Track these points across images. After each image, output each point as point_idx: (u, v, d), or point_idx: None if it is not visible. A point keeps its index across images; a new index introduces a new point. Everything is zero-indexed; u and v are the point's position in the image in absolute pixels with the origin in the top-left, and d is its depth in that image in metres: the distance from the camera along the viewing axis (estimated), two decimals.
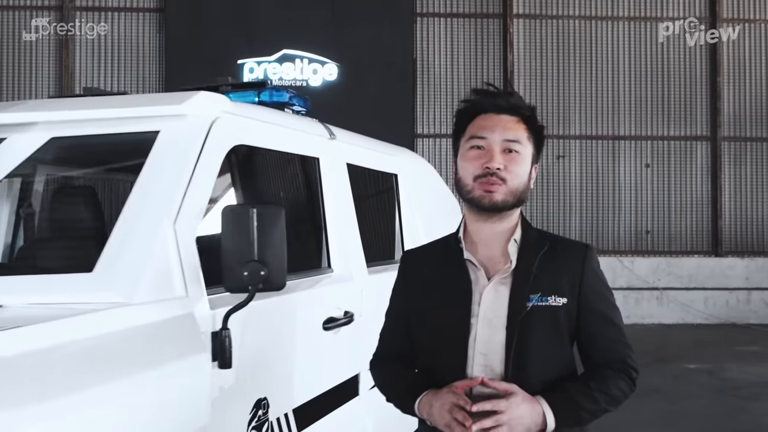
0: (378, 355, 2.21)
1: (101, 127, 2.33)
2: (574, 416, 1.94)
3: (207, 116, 2.41)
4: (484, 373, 1.96)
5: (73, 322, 1.69)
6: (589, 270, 2.04)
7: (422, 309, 2.08)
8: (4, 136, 2.29)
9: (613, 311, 2.11)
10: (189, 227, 2.18)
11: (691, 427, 6.19)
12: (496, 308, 1.98)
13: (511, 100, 2.05)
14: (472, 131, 2.04)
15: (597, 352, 2.05)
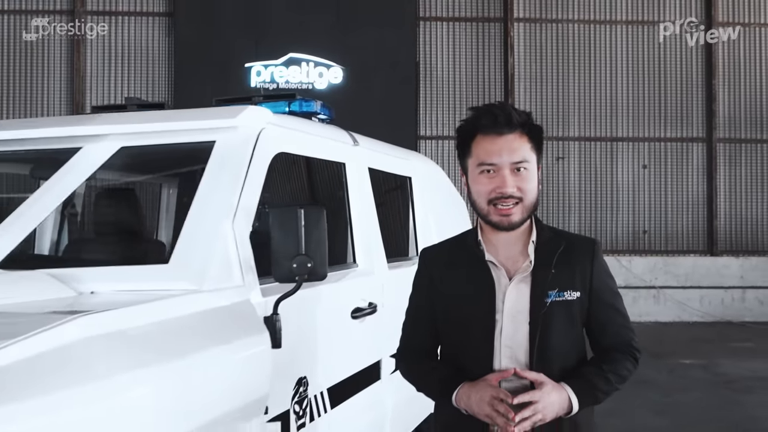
0: (403, 349, 2.34)
1: (164, 137, 2.66)
2: (593, 397, 2.12)
3: (255, 127, 2.73)
4: (510, 364, 2.11)
5: (161, 304, 2.03)
6: (597, 265, 2.21)
7: (448, 306, 2.22)
8: (80, 146, 2.62)
9: (617, 300, 2.28)
10: (243, 225, 2.51)
11: (684, 417, 6.46)
12: (519, 304, 2.13)
13: (511, 118, 2.12)
14: (479, 156, 2.14)
15: (606, 338, 2.22)
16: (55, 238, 2.61)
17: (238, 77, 12.01)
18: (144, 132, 2.65)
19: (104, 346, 1.76)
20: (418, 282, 2.32)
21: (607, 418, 6.32)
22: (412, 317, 2.32)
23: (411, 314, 2.33)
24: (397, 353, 2.36)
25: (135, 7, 12.30)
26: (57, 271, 2.22)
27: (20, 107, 12.09)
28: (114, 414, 1.70)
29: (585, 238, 2.31)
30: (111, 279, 2.26)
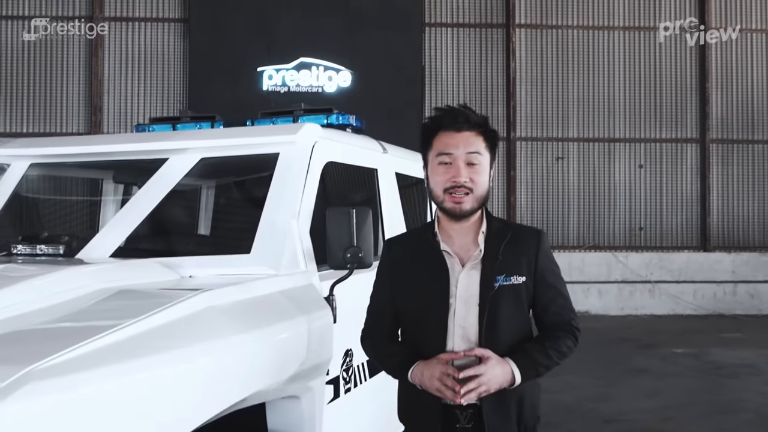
0: (367, 330, 2.52)
1: (237, 150, 3.21)
2: (534, 370, 2.28)
3: (310, 141, 3.28)
4: (463, 342, 2.29)
5: (253, 284, 2.60)
6: (542, 252, 2.39)
7: (407, 292, 2.38)
8: (167, 157, 3.18)
9: (560, 284, 2.44)
10: (305, 222, 3.07)
11: (673, 400, 6.94)
12: (470, 289, 2.31)
13: (468, 117, 2.33)
14: (438, 148, 2.33)
15: (548, 317, 2.39)
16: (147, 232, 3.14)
17: (251, 81, 12.39)
18: (220, 146, 3.21)
19: (220, 314, 2.34)
20: (380, 270, 2.50)
21: (600, 402, 6.87)
22: (374, 302, 2.51)
23: (374, 299, 2.51)
24: (361, 334, 2.54)
25: (151, 14, 12.69)
26: (162, 259, 2.78)
27: (41, 109, 12.49)
28: (230, 363, 2.26)
29: (532, 228, 2.48)
30: (204, 265, 2.82)
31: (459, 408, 2.28)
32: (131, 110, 12.57)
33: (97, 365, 1.84)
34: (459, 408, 2.28)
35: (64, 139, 3.54)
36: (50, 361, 1.78)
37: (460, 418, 2.29)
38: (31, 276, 2.37)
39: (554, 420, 6.13)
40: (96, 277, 2.45)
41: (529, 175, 13.32)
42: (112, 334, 1.97)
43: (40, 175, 3.54)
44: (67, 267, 2.51)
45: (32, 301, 2.23)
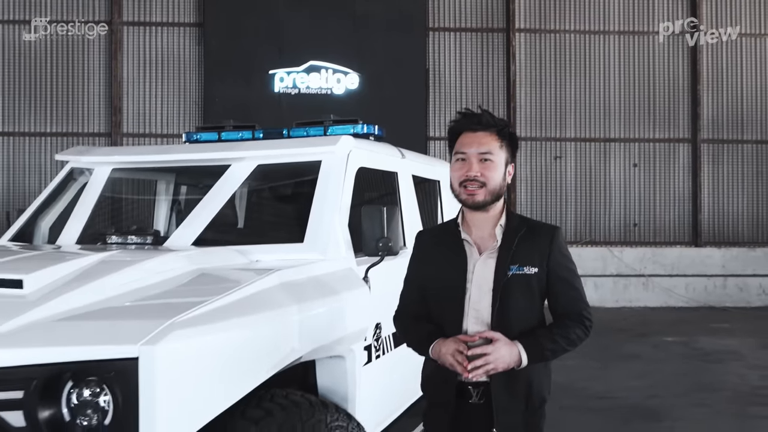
0: (399, 312, 2.78)
1: (287, 158, 3.92)
2: (540, 354, 2.47)
3: (345, 151, 3.97)
4: (476, 324, 2.49)
5: (310, 266, 3.31)
6: (555, 247, 2.57)
7: (431, 276, 2.61)
8: (229, 164, 3.89)
9: (573, 278, 2.61)
10: (344, 217, 3.78)
11: (659, 380, 7.59)
12: (485, 276, 2.51)
13: (483, 120, 2.55)
14: (456, 148, 2.57)
15: (560, 307, 2.58)
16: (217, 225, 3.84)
17: (263, 83, 12.93)
18: (273, 155, 3.92)
19: (289, 288, 3.06)
20: (412, 259, 2.76)
21: (592, 382, 7.56)
22: (407, 287, 2.76)
23: (406, 284, 2.77)
24: (394, 315, 2.80)
25: (167, 18, 13.19)
26: (234, 247, 3.50)
27: (64, 110, 13.03)
28: (298, 324, 2.97)
29: (549, 225, 2.68)
30: (267, 252, 3.53)
31: (472, 384, 2.50)
32: (149, 111, 13.14)
33: (215, 320, 2.57)
34: (472, 384, 2.50)
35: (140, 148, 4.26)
36: (182, 317, 2.50)
37: (473, 394, 2.52)
38: (140, 260, 3.09)
39: (551, 396, 6.84)
40: (190, 260, 3.17)
41: (529, 173, 13.73)
42: (219, 300, 2.69)
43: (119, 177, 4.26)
44: (164, 253, 3.24)
45: (146, 278, 2.95)
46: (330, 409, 3.03)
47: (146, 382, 2.30)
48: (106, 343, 2.37)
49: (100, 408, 2.36)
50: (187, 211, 4.56)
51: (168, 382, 2.36)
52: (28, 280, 2.77)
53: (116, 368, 2.32)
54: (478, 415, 2.52)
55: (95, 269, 2.95)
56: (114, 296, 2.75)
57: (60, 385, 2.37)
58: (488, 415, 2.50)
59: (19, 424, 2.35)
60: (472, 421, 2.53)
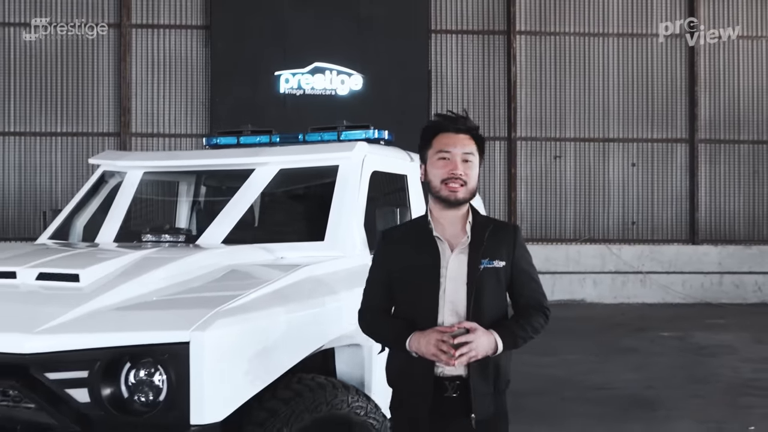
0: (364, 308, 2.82)
1: (306, 163, 4.27)
2: (513, 342, 2.63)
3: (361, 156, 4.31)
4: (452, 316, 2.59)
5: (332, 262, 3.65)
6: (518, 243, 2.74)
7: (404, 272, 2.68)
8: (254, 168, 4.23)
9: (533, 271, 2.78)
10: (360, 217, 4.11)
11: (655, 373, 7.88)
12: (459, 270, 2.62)
13: (466, 123, 2.67)
14: (438, 146, 2.64)
15: (523, 298, 2.74)
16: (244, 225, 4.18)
17: (269, 84, 13.24)
18: (294, 160, 4.26)
19: (315, 281, 3.40)
20: (377, 256, 2.83)
21: (591, 374, 7.88)
22: (371, 284, 2.82)
23: (370, 281, 2.83)
24: (359, 311, 2.85)
25: (175, 21, 13.48)
26: (260, 245, 3.84)
27: (74, 110, 13.36)
28: (323, 314, 3.31)
29: (510, 223, 2.94)
30: (291, 249, 3.87)
31: (447, 380, 2.60)
32: (157, 112, 13.46)
33: (253, 310, 2.92)
34: (447, 380, 2.60)
35: (170, 153, 4.60)
36: (225, 307, 2.85)
37: (448, 389, 2.61)
38: (180, 257, 3.43)
39: (551, 389, 7.17)
40: (224, 257, 3.51)
41: (529, 172, 14.02)
42: (255, 292, 3.04)
43: (150, 180, 4.60)
44: (200, 251, 3.58)
45: (187, 273, 3.30)
46: (351, 391, 3.36)
47: (196, 364, 2.64)
48: (160, 329, 2.72)
49: (155, 386, 2.71)
50: (210, 210, 4.92)
51: (214, 364, 2.71)
52: (84, 274, 3.12)
53: (169, 351, 2.66)
54: (453, 406, 2.62)
55: (140, 264, 3.30)
56: (160, 288, 3.10)
57: (119, 366, 2.72)
58: (463, 404, 2.61)
59: (85, 400, 2.70)
60: (446, 413, 2.62)
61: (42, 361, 2.69)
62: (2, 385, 2.74)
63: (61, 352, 2.70)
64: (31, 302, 3.06)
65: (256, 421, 2.95)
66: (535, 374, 7.68)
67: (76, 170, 13.33)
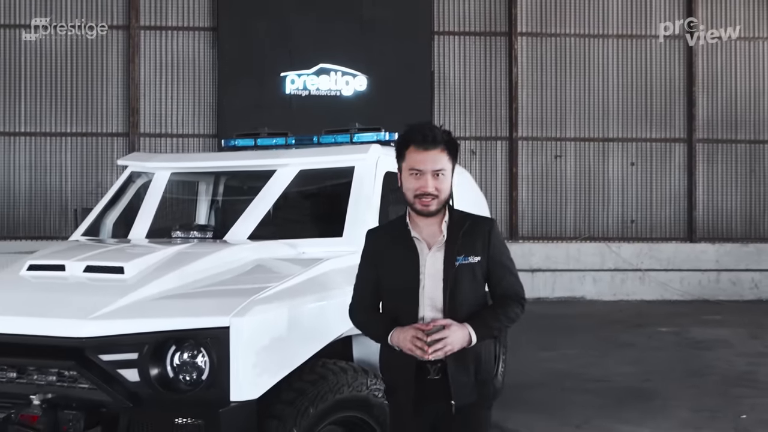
0: (354, 304, 3.01)
1: (325, 164, 4.58)
2: (488, 332, 2.78)
3: (375, 157, 4.61)
4: (431, 311, 2.76)
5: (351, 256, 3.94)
6: (493, 237, 2.86)
7: (387, 272, 2.86)
8: (275, 169, 4.54)
9: (510, 264, 2.92)
10: (375, 215, 4.42)
11: (652, 366, 8.17)
12: (436, 267, 2.77)
13: (435, 138, 2.76)
14: (410, 163, 2.78)
15: (500, 289, 2.88)
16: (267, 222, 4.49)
17: (275, 85, 13.50)
18: (313, 161, 4.58)
19: (337, 273, 3.71)
20: (364, 255, 3.00)
21: (590, 368, 8.18)
22: (360, 281, 3.00)
23: (359, 278, 3.00)
24: (349, 307, 3.04)
25: (183, 23, 13.72)
26: (283, 241, 4.16)
27: (84, 110, 13.60)
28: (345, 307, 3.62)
29: (486, 218, 3.00)
30: (311, 245, 4.18)
31: (429, 362, 2.75)
32: (165, 112, 13.72)
33: (284, 298, 3.25)
34: (429, 362, 2.75)
35: (195, 155, 4.93)
36: (259, 295, 3.17)
37: (431, 371, 2.77)
38: (213, 251, 3.75)
39: (552, 381, 7.48)
40: (251, 251, 3.83)
41: (530, 171, 14.24)
42: (285, 283, 3.36)
43: (177, 181, 4.92)
44: (230, 246, 3.90)
45: (220, 266, 3.62)
46: (369, 375, 3.67)
47: (235, 346, 2.96)
48: (202, 316, 3.05)
49: (198, 367, 3.03)
50: (232, 208, 5.24)
51: (251, 346, 3.03)
52: (128, 267, 3.44)
53: (211, 335, 2.99)
54: (436, 389, 2.76)
55: (177, 258, 3.62)
56: (197, 280, 3.43)
57: (165, 349, 3.04)
58: (446, 388, 2.76)
59: (134, 379, 3.02)
60: (430, 396, 2.78)
61: (96, 345, 3.02)
62: (61, 366, 3.06)
63: (113, 336, 3.02)
64: (81, 292, 3.38)
65: (285, 400, 3.27)
66: (537, 367, 8.00)
67: (86, 170, 13.63)
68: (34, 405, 2.97)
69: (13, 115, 13.62)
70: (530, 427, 5.86)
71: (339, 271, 3.74)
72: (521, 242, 13.85)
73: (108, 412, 3.01)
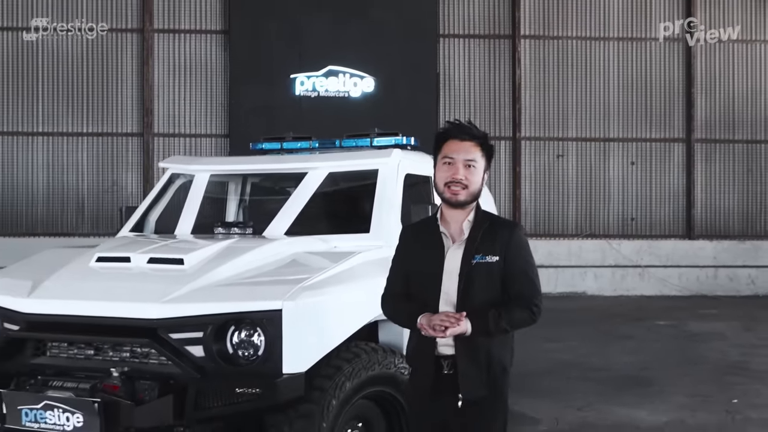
0: (387, 295, 3.17)
1: (351, 166, 5.09)
2: (484, 330, 2.84)
3: (396, 160, 5.09)
4: (445, 304, 2.88)
5: (378, 250, 4.46)
6: (514, 239, 2.93)
7: (415, 265, 3.02)
8: (306, 171, 5.04)
9: (529, 268, 2.95)
10: (397, 213, 4.92)
11: (649, 356, 8.69)
12: (454, 263, 2.90)
13: (471, 131, 2.91)
14: (444, 152, 2.91)
15: (513, 292, 2.93)
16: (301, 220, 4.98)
17: (284, 86, 13.94)
18: (341, 164, 5.09)
19: (368, 265, 4.22)
20: (398, 248, 3.18)
21: (592, 357, 8.69)
22: (393, 273, 3.17)
23: (393, 272, 3.18)
24: (382, 297, 3.21)
25: (195, 26, 14.18)
26: (316, 236, 4.66)
27: (99, 111, 14.07)
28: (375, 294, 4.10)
29: (510, 221, 3.16)
30: (342, 240, 4.68)
31: (443, 357, 2.90)
32: (178, 113, 14.19)
33: (326, 286, 3.78)
34: (443, 357, 2.90)
35: (232, 159, 5.44)
36: (305, 283, 3.69)
37: (444, 366, 2.92)
38: (258, 245, 4.27)
39: (557, 369, 8.01)
40: (290, 246, 4.35)
41: (533, 170, 14.67)
42: (323, 273, 3.88)
43: (216, 182, 5.45)
44: (272, 241, 4.41)
45: (266, 258, 4.14)
46: (396, 355, 4.18)
47: (287, 326, 3.48)
48: (258, 300, 3.56)
49: (254, 344, 3.55)
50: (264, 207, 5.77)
51: (299, 327, 3.55)
52: (187, 258, 3.96)
53: (266, 317, 3.51)
54: (448, 385, 2.90)
55: (228, 251, 4.14)
56: (248, 270, 3.95)
57: (226, 329, 3.56)
58: (456, 383, 2.90)
59: (200, 354, 3.54)
60: (443, 390, 2.92)
61: (167, 325, 3.53)
62: (137, 343, 3.58)
63: (181, 318, 3.54)
64: (147, 280, 3.91)
65: (325, 375, 3.78)
66: (543, 357, 8.53)
67: (102, 169, 14.12)
68: (114, 377, 3.48)
69: (31, 115, 14.09)
70: (536, 410, 6.36)
71: (369, 263, 4.24)
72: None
73: (177, 383, 3.51)
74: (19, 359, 3.81)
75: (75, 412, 3.36)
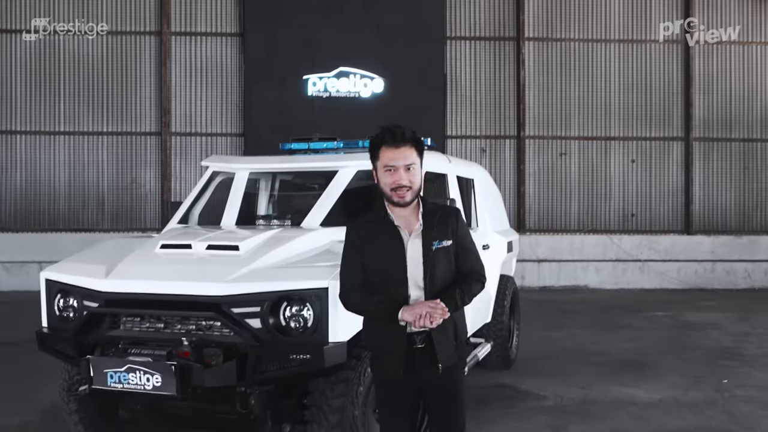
0: (348, 289, 3.31)
1: None
2: (455, 306, 3.17)
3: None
4: (415, 289, 3.16)
5: None
6: (459, 223, 3.30)
7: (374, 257, 3.20)
8: (338, 170, 5.65)
9: (472, 245, 3.35)
10: None
11: (647, 344, 9.25)
12: (416, 252, 3.18)
13: (403, 136, 3.15)
14: (384, 160, 3.15)
15: (465, 269, 3.29)
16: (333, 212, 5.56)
17: (297, 87, 14.54)
18: (368, 163, 5.67)
19: None
20: (350, 243, 3.34)
21: (592, 344, 9.27)
22: (349, 266, 3.33)
23: (347, 265, 3.34)
24: (340, 293, 3.40)
25: (211, 29, 14.78)
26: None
27: (119, 111, 14.68)
28: None
29: (451, 207, 3.55)
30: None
31: (416, 333, 3.16)
32: (195, 113, 14.80)
33: None
34: (416, 333, 3.16)
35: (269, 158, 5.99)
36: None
37: (416, 341, 3.20)
38: (300, 235, 4.89)
39: (559, 355, 8.60)
40: (328, 235, 4.96)
41: (537, 168, 15.22)
42: None
43: (253, 179, 6.07)
44: (311, 231, 5.03)
45: (309, 245, 4.76)
46: None
47: (332, 302, 4.09)
48: (307, 280, 4.18)
49: (304, 317, 4.17)
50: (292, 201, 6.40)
51: None
52: (242, 245, 4.58)
53: (314, 294, 4.12)
54: (423, 356, 3.19)
55: (274, 240, 4.76)
56: (295, 255, 4.57)
57: (280, 304, 4.18)
58: (430, 354, 3.19)
59: (258, 326, 4.15)
60: (418, 363, 3.20)
61: (229, 301, 4.15)
62: (204, 317, 4.20)
63: (241, 295, 4.16)
64: (208, 263, 4.52)
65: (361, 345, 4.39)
66: (547, 344, 9.15)
67: (121, 166, 14.74)
68: (184, 345, 4.10)
69: (53, 115, 14.69)
70: (542, 389, 6.98)
71: None
72: (528, 234, 14.76)
73: (238, 350, 4.13)
74: (97, 332, 4.44)
75: (154, 374, 3.97)
